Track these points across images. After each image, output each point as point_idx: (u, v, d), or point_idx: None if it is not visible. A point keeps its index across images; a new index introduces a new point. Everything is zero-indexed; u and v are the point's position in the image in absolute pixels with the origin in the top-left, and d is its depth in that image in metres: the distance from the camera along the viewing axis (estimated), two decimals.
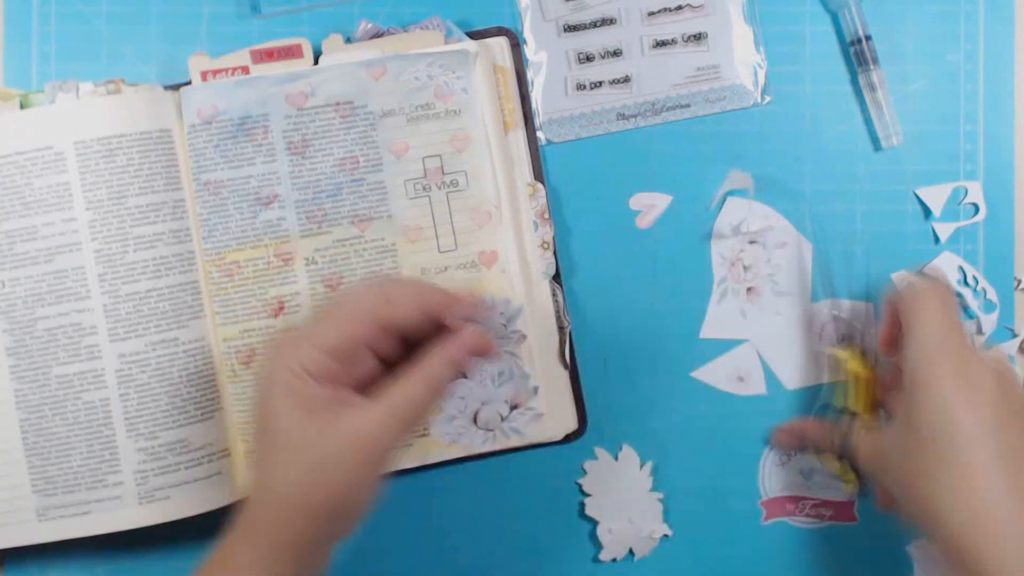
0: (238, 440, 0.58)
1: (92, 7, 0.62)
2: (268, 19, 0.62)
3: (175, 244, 0.57)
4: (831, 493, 0.62)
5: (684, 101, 0.62)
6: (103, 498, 0.57)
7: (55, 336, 0.56)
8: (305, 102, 0.58)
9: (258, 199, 0.58)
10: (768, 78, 0.62)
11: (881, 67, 0.61)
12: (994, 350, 0.60)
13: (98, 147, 0.56)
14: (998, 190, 0.62)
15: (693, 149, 0.62)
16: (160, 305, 0.57)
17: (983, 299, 0.61)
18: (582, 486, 0.61)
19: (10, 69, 0.61)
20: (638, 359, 0.62)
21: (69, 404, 0.56)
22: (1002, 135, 0.62)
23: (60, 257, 0.56)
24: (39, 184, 0.56)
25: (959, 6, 0.62)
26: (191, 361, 0.57)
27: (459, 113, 0.58)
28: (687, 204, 0.62)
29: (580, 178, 0.62)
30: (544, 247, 0.60)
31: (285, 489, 0.46)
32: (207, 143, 0.58)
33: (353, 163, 0.58)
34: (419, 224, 0.58)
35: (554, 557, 0.62)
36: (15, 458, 0.57)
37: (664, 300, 0.62)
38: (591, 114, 0.62)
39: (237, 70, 0.58)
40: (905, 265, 0.62)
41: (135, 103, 0.57)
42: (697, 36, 0.62)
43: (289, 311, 0.58)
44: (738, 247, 0.62)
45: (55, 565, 0.61)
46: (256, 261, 0.58)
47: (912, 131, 0.62)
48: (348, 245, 0.58)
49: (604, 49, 0.62)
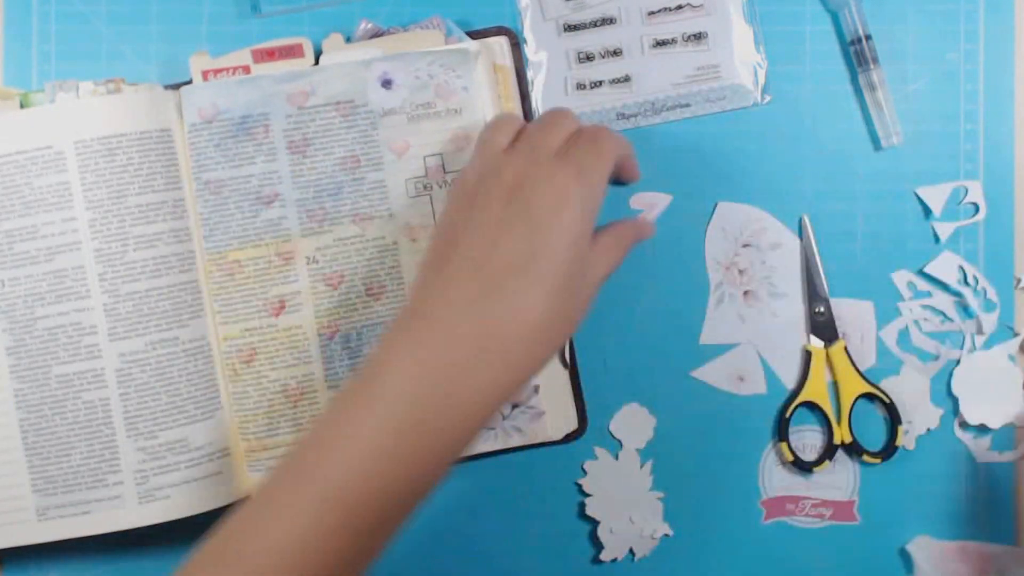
0: (238, 440, 0.58)
1: (92, 7, 0.62)
2: (268, 18, 0.62)
3: (175, 243, 0.57)
4: (831, 493, 0.62)
5: (684, 101, 0.62)
6: (103, 498, 0.56)
7: (55, 335, 0.56)
8: (306, 101, 0.58)
9: (259, 198, 0.58)
10: (768, 78, 0.62)
11: (881, 67, 0.61)
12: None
13: (98, 146, 0.56)
14: (998, 190, 0.62)
15: (693, 149, 0.62)
16: (160, 304, 0.57)
17: (983, 299, 0.61)
18: (582, 486, 0.61)
19: (10, 69, 0.61)
20: (638, 359, 0.62)
21: (69, 404, 0.56)
22: (1002, 135, 0.62)
23: (60, 256, 0.56)
24: (39, 183, 0.56)
25: (959, 6, 0.62)
26: (191, 361, 0.57)
27: (460, 112, 0.58)
28: (687, 204, 0.62)
29: None
30: None
31: (517, 307, 0.47)
32: (208, 142, 0.57)
33: (354, 162, 0.58)
34: (420, 223, 0.58)
35: (554, 557, 0.61)
36: (15, 458, 0.57)
37: (664, 300, 0.62)
38: (591, 114, 0.62)
39: (238, 69, 0.58)
40: (905, 265, 0.62)
41: (135, 103, 0.57)
42: (697, 36, 0.62)
43: (290, 310, 0.58)
44: (732, 251, 0.62)
45: (55, 565, 0.61)
46: (257, 260, 0.58)
47: (912, 131, 0.62)
48: (349, 244, 0.58)
49: (604, 49, 0.62)
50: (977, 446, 0.61)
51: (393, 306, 0.58)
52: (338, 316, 0.58)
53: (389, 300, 0.58)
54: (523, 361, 0.47)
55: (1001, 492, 0.61)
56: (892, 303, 0.62)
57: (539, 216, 0.47)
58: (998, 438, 0.61)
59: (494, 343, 0.46)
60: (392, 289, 0.58)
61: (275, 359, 0.58)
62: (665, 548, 0.62)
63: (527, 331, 0.46)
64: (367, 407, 0.45)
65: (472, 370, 0.46)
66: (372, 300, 0.58)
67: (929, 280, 0.62)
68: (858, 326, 0.62)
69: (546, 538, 0.62)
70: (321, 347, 0.58)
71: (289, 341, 0.58)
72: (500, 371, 0.46)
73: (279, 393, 0.58)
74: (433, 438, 0.45)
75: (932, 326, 0.62)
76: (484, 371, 0.46)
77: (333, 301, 0.58)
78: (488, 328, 0.46)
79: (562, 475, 0.62)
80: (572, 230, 0.47)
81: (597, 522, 0.61)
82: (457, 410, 0.46)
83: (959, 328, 0.62)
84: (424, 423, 0.45)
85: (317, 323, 0.58)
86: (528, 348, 0.47)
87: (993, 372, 0.61)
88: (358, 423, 0.45)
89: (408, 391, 0.45)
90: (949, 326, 0.62)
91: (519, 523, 0.61)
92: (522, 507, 0.62)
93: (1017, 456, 0.61)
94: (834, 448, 0.61)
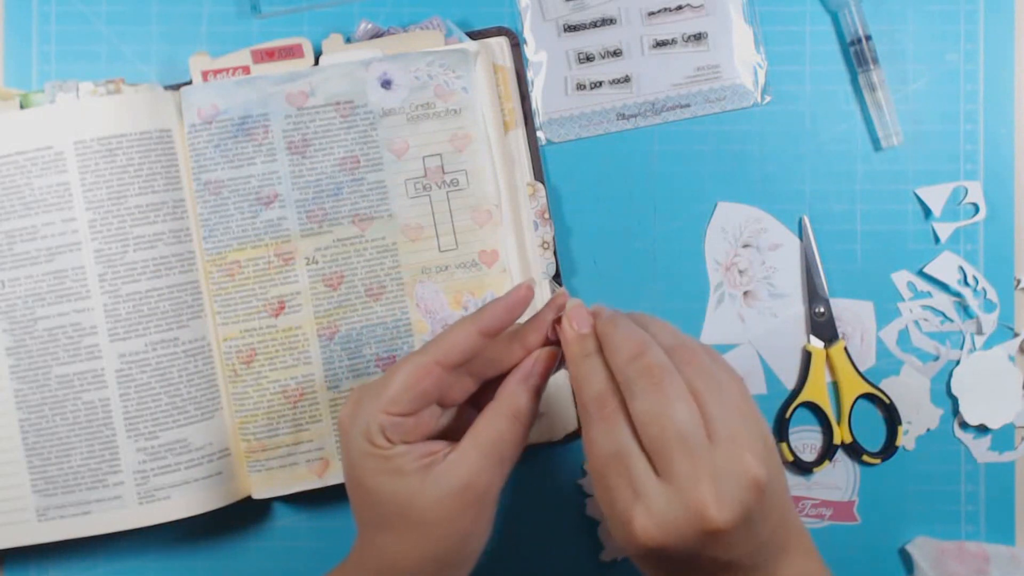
0: (238, 440, 0.58)
1: (92, 7, 0.62)
2: (268, 19, 0.62)
3: (175, 244, 0.57)
4: (831, 493, 0.62)
5: (684, 101, 0.62)
6: (103, 498, 0.56)
7: (55, 336, 0.56)
8: (305, 101, 0.58)
9: (258, 199, 0.58)
10: (768, 78, 0.62)
11: (881, 67, 0.61)
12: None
13: (98, 147, 0.56)
14: (998, 190, 0.62)
15: (693, 149, 0.62)
16: (160, 305, 0.57)
17: (983, 299, 0.61)
18: (582, 486, 0.61)
19: (10, 69, 0.61)
20: None
21: (69, 404, 0.56)
22: (1002, 135, 0.62)
23: (60, 257, 0.56)
24: (39, 184, 0.56)
25: (959, 6, 0.62)
26: (191, 361, 0.57)
27: (459, 112, 0.58)
28: (687, 204, 0.62)
29: (580, 178, 0.62)
30: (544, 247, 0.60)
31: (391, 555, 0.45)
32: (207, 143, 0.57)
33: (353, 162, 0.58)
34: (419, 223, 0.58)
35: (555, 557, 0.61)
36: (15, 458, 0.57)
37: (664, 300, 0.62)
38: (591, 114, 0.62)
39: (237, 70, 0.58)
40: (905, 265, 0.62)
41: (135, 103, 0.57)
42: (697, 36, 0.62)
43: (290, 310, 0.58)
44: (732, 251, 0.62)
45: (55, 565, 0.61)
46: (257, 261, 0.58)
47: (912, 131, 0.62)
48: (349, 244, 0.58)
49: (604, 49, 0.62)
50: (977, 446, 0.61)
51: (393, 306, 0.58)
52: (338, 317, 0.58)
53: (388, 300, 0.58)
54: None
55: (1001, 492, 0.61)
56: (892, 303, 0.62)
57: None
58: (998, 438, 0.61)
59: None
60: (392, 289, 0.58)
61: (275, 360, 0.58)
62: None
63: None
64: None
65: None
66: (372, 300, 0.58)
67: (929, 280, 0.62)
68: (858, 326, 0.62)
69: (546, 538, 0.62)
70: (321, 348, 0.58)
71: (289, 342, 0.58)
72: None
73: (279, 394, 0.58)
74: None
75: (932, 326, 0.62)
76: None
77: (333, 302, 0.58)
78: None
79: (562, 475, 0.62)
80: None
81: (597, 522, 0.61)
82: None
83: (959, 328, 0.62)
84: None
85: (317, 324, 0.58)
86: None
87: (993, 372, 0.61)
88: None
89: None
90: (949, 326, 0.62)
91: (519, 523, 0.61)
92: (523, 507, 0.62)
93: (1017, 456, 0.61)
94: (834, 448, 0.61)
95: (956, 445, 0.62)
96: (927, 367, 0.62)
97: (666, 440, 0.40)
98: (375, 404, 0.44)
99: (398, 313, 0.58)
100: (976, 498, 0.61)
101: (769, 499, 0.41)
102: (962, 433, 0.61)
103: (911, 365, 0.62)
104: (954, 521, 0.61)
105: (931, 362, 0.62)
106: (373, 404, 0.44)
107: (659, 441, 0.40)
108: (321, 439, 0.58)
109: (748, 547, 0.41)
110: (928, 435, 0.61)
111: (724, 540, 0.40)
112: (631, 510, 0.40)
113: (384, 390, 0.44)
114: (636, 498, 0.40)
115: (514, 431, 0.46)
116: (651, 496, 0.40)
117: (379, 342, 0.58)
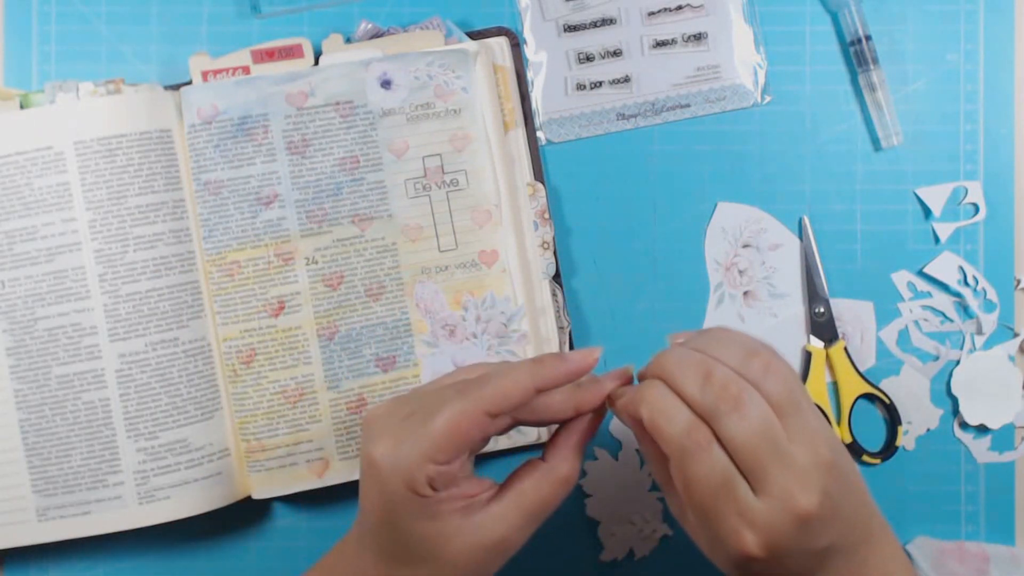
0: (238, 440, 0.58)
1: (92, 7, 0.62)
2: (268, 19, 0.62)
3: (175, 244, 0.57)
4: None
5: (684, 101, 0.62)
6: (103, 498, 0.56)
7: (55, 336, 0.56)
8: (305, 102, 0.58)
9: (258, 199, 0.58)
10: (768, 78, 0.62)
11: (881, 67, 0.61)
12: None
13: (98, 147, 0.56)
14: (998, 190, 0.62)
15: (693, 149, 0.62)
16: (160, 305, 0.57)
17: (983, 299, 0.61)
18: (582, 486, 0.61)
19: (10, 69, 0.61)
20: (638, 359, 0.62)
21: (69, 404, 0.56)
22: (1002, 135, 0.62)
23: (60, 257, 0.56)
24: (39, 184, 0.56)
25: (959, 6, 0.62)
26: (191, 361, 0.57)
27: (459, 112, 0.58)
28: (687, 204, 0.62)
29: (580, 178, 0.62)
30: (544, 247, 0.60)
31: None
32: (207, 143, 0.58)
33: (353, 163, 0.58)
34: (419, 223, 0.58)
35: (555, 557, 0.61)
36: (15, 458, 0.57)
37: (664, 300, 0.62)
38: (591, 114, 0.62)
39: (237, 70, 0.58)
40: (905, 265, 0.62)
41: (135, 103, 0.57)
42: (697, 36, 0.62)
43: (290, 310, 0.58)
44: (732, 251, 0.62)
45: (55, 565, 0.61)
46: (256, 261, 0.58)
47: (912, 131, 0.62)
48: (348, 244, 0.58)
49: (604, 49, 0.62)
50: (977, 446, 0.61)
51: (393, 306, 0.58)
52: (337, 317, 0.58)
53: (388, 300, 0.58)
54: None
55: (1001, 492, 0.61)
56: (892, 303, 0.62)
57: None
58: (998, 438, 0.61)
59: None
60: (391, 289, 0.58)
61: (275, 360, 0.58)
62: (665, 548, 0.62)
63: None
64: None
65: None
66: (371, 301, 0.58)
67: (929, 280, 0.62)
68: (858, 326, 0.62)
69: (546, 538, 0.62)
70: (320, 348, 0.58)
71: (289, 342, 0.58)
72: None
73: (279, 394, 0.58)
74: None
75: (932, 326, 0.62)
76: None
77: (332, 302, 0.58)
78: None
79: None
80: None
81: (597, 522, 0.61)
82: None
83: (959, 328, 0.62)
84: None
85: (316, 324, 0.58)
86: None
87: (993, 372, 0.61)
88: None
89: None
90: (949, 326, 0.62)
91: None
92: None
93: (1017, 456, 0.61)
94: None
95: (956, 445, 0.62)
96: (927, 367, 0.62)
97: (759, 456, 0.41)
98: (418, 449, 0.43)
99: (398, 313, 0.58)
100: (976, 498, 0.61)
101: (844, 476, 0.42)
102: (962, 433, 0.61)
103: (911, 365, 0.62)
104: (954, 521, 0.61)
105: (931, 362, 0.62)
106: (416, 449, 0.44)
107: (753, 458, 0.41)
108: (321, 439, 0.58)
109: (838, 528, 0.43)
110: (928, 435, 0.61)
111: (816, 526, 0.41)
112: (741, 532, 0.41)
113: (428, 435, 0.44)
114: (742, 519, 0.41)
115: (558, 496, 0.47)
116: (755, 511, 0.41)
117: (379, 342, 0.58)
